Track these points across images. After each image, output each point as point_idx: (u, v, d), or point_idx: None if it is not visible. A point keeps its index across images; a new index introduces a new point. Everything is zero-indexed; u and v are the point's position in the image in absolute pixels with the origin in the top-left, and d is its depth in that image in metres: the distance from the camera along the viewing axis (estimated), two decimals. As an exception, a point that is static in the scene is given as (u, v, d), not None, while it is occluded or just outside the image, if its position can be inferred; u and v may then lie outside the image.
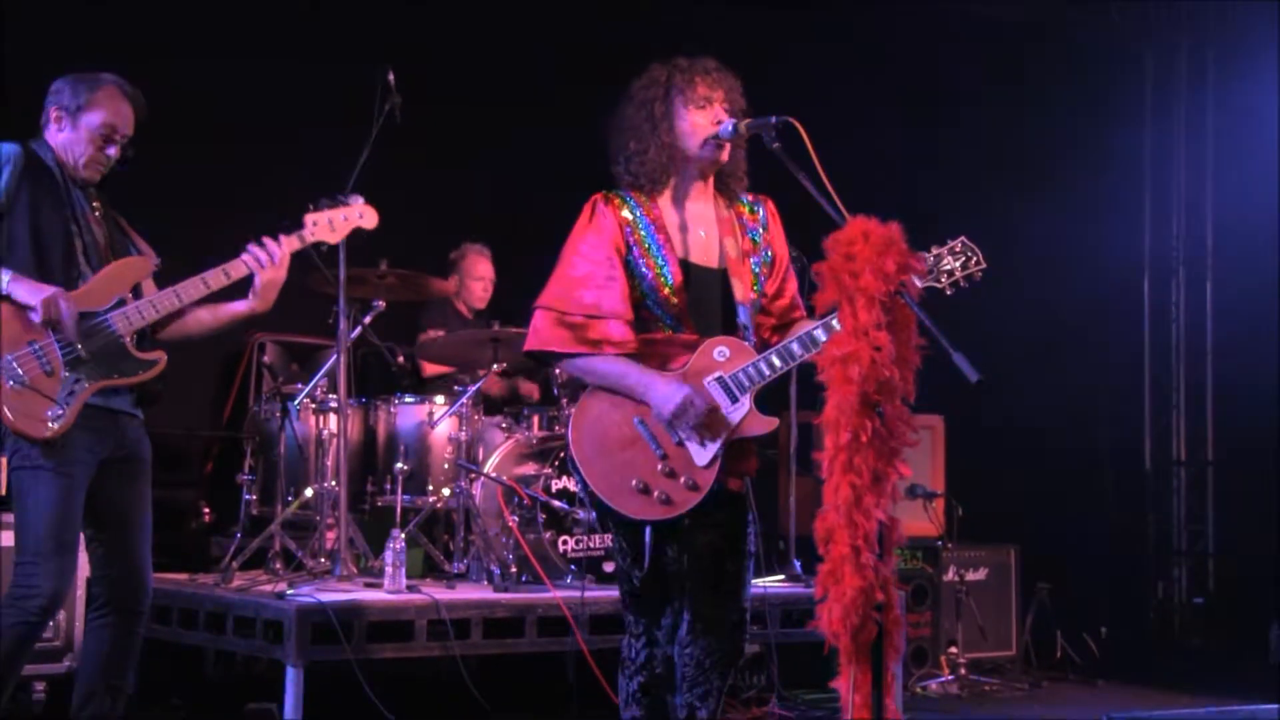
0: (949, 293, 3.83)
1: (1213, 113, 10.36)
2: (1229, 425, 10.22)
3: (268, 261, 4.38)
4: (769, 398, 3.93)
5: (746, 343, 3.88)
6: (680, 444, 3.77)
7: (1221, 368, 10.31)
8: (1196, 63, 10.45)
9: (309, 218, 4.60)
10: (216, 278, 4.35)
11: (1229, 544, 10.20)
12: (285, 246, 4.44)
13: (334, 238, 4.65)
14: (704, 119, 3.88)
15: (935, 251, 3.82)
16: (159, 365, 4.32)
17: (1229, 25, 9.94)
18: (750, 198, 4.07)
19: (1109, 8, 9.83)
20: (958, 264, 3.84)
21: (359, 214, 4.71)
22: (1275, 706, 4.68)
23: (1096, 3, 9.78)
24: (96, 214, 4.40)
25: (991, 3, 9.49)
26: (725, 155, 3.91)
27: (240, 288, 4.47)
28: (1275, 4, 9.19)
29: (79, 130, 4.33)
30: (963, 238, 3.89)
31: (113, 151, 4.37)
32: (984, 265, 3.86)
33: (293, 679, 5.17)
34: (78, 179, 4.36)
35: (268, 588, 5.71)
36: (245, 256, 4.39)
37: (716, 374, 3.80)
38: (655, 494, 3.74)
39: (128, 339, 4.26)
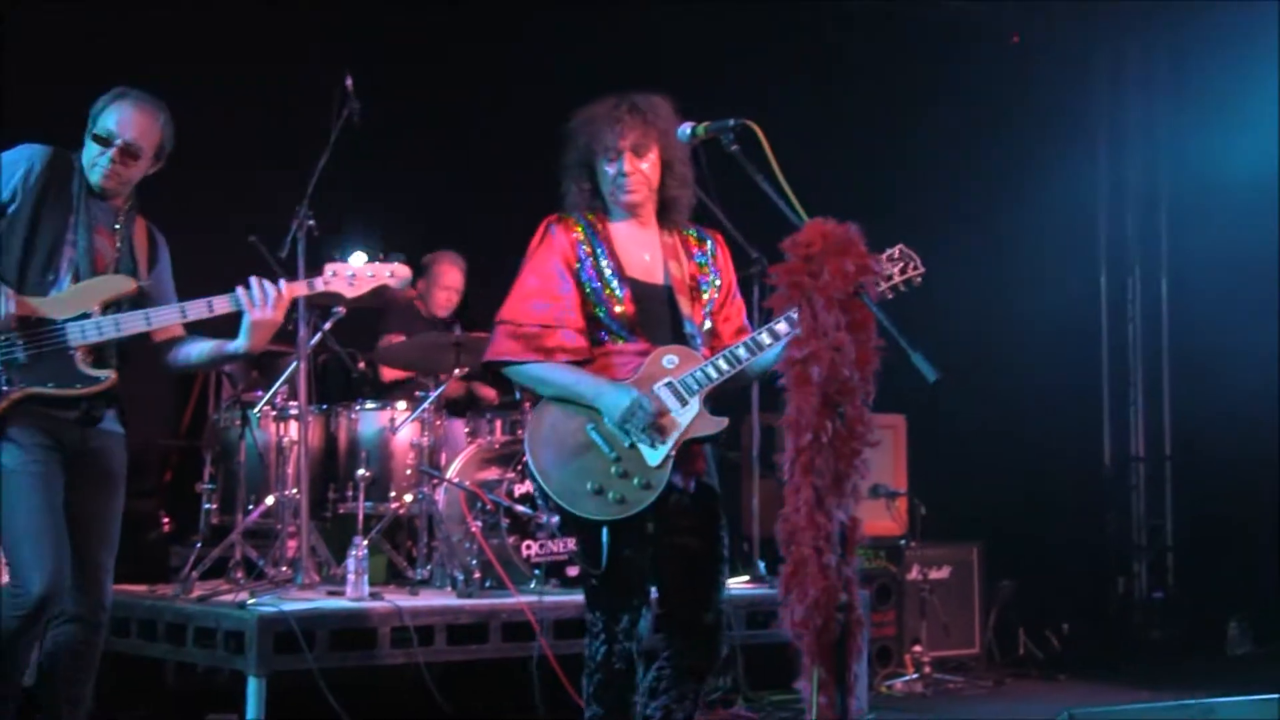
0: (889, 297, 3.94)
1: (1164, 111, 10.45)
2: (1186, 421, 10.30)
3: (261, 302, 4.25)
4: (733, 400, 3.96)
5: (695, 352, 3.96)
6: (632, 446, 3.84)
7: (1178, 364, 10.39)
8: (1148, 63, 10.53)
9: (329, 267, 4.43)
10: (197, 309, 4.27)
11: (1188, 539, 10.28)
12: (287, 291, 4.30)
13: (350, 292, 4.45)
14: (611, 169, 4.00)
15: (874, 258, 3.87)
16: (102, 384, 4.24)
17: (1180, 25, 10.01)
18: (696, 229, 4.19)
19: (1059, 9, 9.88)
20: (896, 269, 3.98)
21: (388, 273, 4.48)
22: (1233, 699, 4.73)
23: (1046, 5, 9.83)
24: (115, 229, 4.35)
25: (943, 5, 9.53)
26: (638, 199, 4.00)
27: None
28: (1226, 4, 9.27)
29: (95, 144, 4.32)
30: (900, 245, 4.01)
31: (113, 156, 4.32)
32: (922, 270, 3.99)
33: (255, 689, 5.15)
34: (101, 190, 4.33)
35: (229, 597, 5.66)
36: (239, 292, 4.27)
37: (666, 379, 3.89)
38: (610, 495, 3.81)
39: (78, 352, 4.21)
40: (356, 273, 4.44)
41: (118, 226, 4.37)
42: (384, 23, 8.01)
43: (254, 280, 4.29)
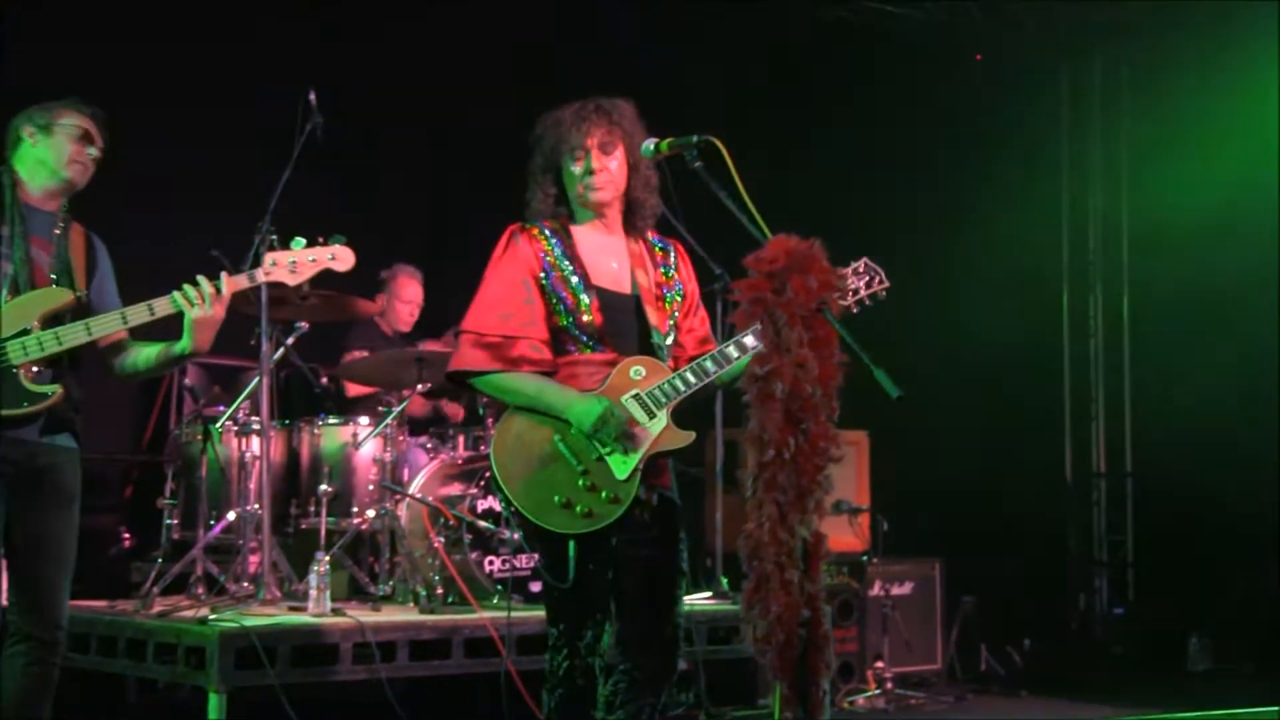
0: (854, 311, 3.95)
1: (1127, 126, 10.53)
2: (1147, 437, 10.37)
3: (199, 300, 4.21)
4: (696, 416, 3.96)
5: (663, 364, 3.94)
6: (599, 460, 3.81)
7: (1139, 381, 10.46)
8: (1111, 77, 10.62)
9: (269, 256, 4.40)
10: (138, 313, 4.22)
11: (1148, 555, 10.34)
12: (228, 287, 4.25)
13: (294, 279, 4.42)
14: (578, 169, 3.99)
15: (840, 272, 3.89)
16: (50, 400, 4.20)
17: (1143, 39, 10.09)
18: (657, 238, 4.16)
19: (1023, 22, 9.95)
20: (862, 283, 3.99)
21: (330, 255, 4.45)
22: (1190, 715, 4.78)
23: (1012, 17, 9.89)
24: (52, 237, 4.31)
25: (908, 20, 9.58)
26: (606, 198, 3.99)
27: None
28: (1188, 18, 9.35)
29: (56, 135, 4.30)
30: (865, 259, 4.01)
31: (92, 152, 4.31)
32: (887, 285, 4.00)
33: (216, 705, 5.12)
34: (51, 196, 4.31)
35: (190, 613, 5.63)
36: (178, 294, 4.22)
37: (633, 391, 3.87)
38: (577, 508, 3.78)
39: (21, 369, 4.16)
40: (297, 259, 4.42)
41: (56, 233, 4.33)
42: (346, 35, 8.01)
43: (198, 279, 4.24)
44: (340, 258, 4.48)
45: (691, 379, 3.87)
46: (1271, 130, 9.06)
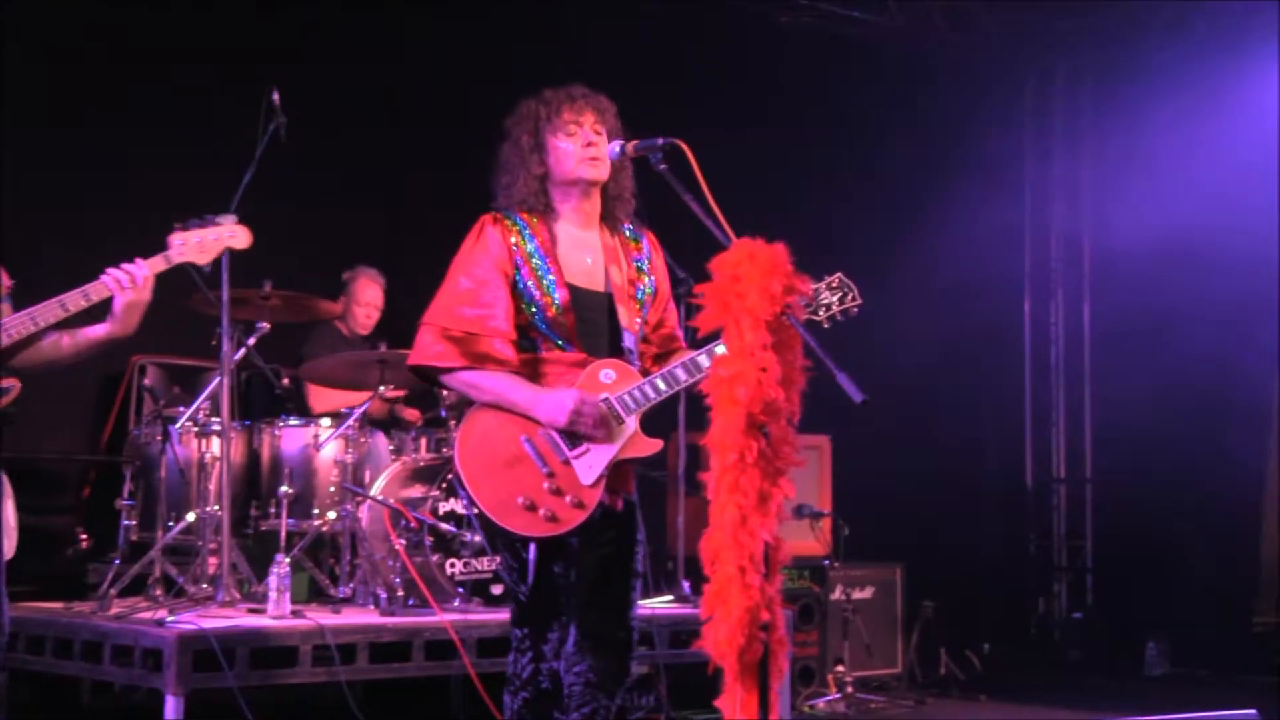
0: (825, 325, 3.93)
1: (1089, 135, 10.60)
2: (1106, 443, 10.43)
3: (128, 283, 4.20)
4: (658, 418, 3.95)
5: (632, 367, 3.91)
6: (566, 463, 3.79)
7: (1099, 387, 10.53)
8: (1073, 86, 10.69)
9: (174, 238, 4.42)
10: (75, 300, 4.18)
11: (1107, 560, 10.41)
12: (149, 268, 4.27)
13: (203, 259, 4.46)
14: (573, 145, 3.92)
15: (814, 286, 3.90)
16: (9, 394, 4.17)
17: (1105, 48, 10.16)
18: (631, 228, 4.10)
19: (988, 28, 10.00)
20: (835, 298, 3.95)
21: (229, 233, 4.53)
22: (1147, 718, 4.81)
23: (976, 24, 9.94)
24: None
25: (870, 25, 9.61)
26: (598, 170, 3.93)
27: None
28: (1150, 29, 9.42)
29: None
30: (839, 274, 3.98)
31: None
32: (859, 301, 3.97)
33: (173, 708, 5.08)
34: None
35: (147, 615, 5.59)
36: (104, 278, 4.21)
37: (603, 395, 3.83)
38: (541, 511, 3.75)
39: None
40: (202, 238, 4.45)
41: None
42: (307, 35, 7.98)
43: (123, 264, 4.24)
44: (237, 235, 4.56)
45: (662, 386, 3.84)
46: (1235, 142, 9.16)
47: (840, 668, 7.71)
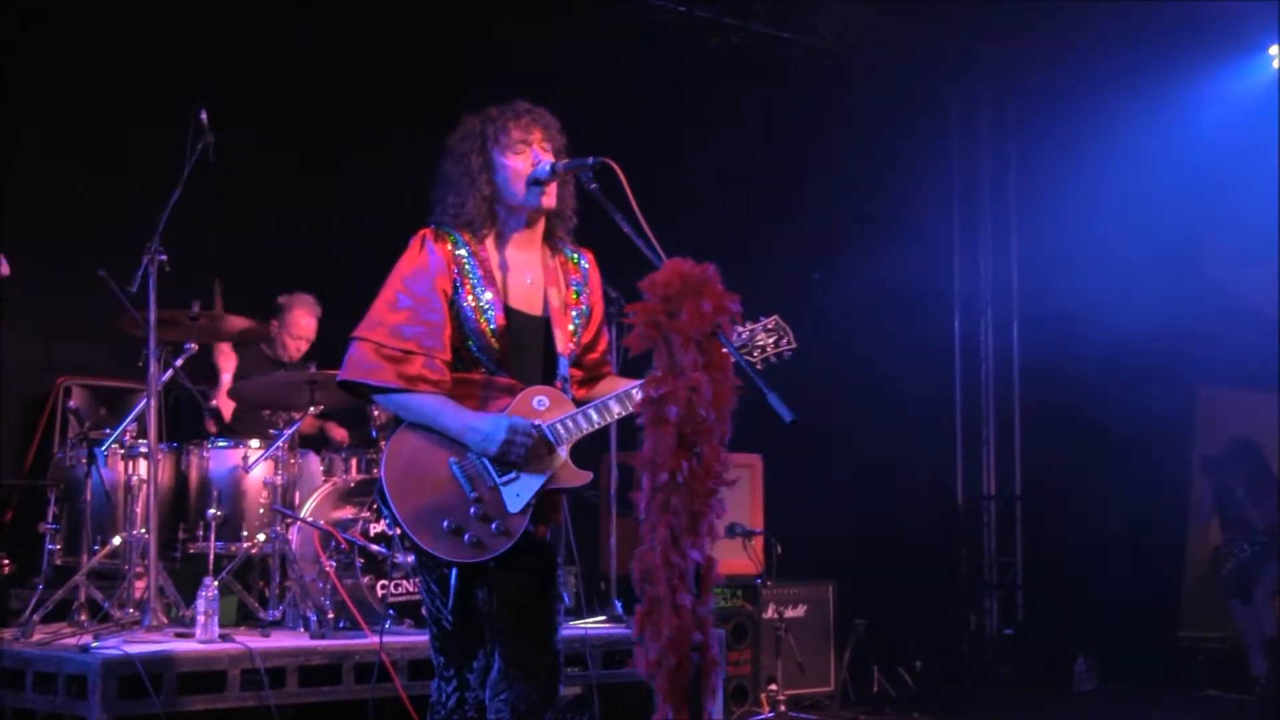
0: (759, 367, 3.94)
1: (1015, 157, 10.72)
2: (1036, 460, 10.54)
3: None
4: (590, 438, 3.91)
5: (565, 395, 3.87)
6: (494, 489, 3.74)
7: (1029, 405, 10.63)
8: (998, 107, 10.81)
9: None
10: None
11: (1036, 576, 10.49)
12: None
13: None
14: (523, 163, 3.86)
15: (750, 327, 3.92)
16: None
17: (1027, 70, 10.29)
18: (572, 249, 4.05)
19: (914, 51, 10.10)
20: (770, 340, 3.97)
21: None
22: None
23: (902, 47, 10.03)
24: None
25: (799, 46, 9.67)
26: (550, 200, 3.89)
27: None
28: (1073, 52, 9.55)
29: None
30: (775, 316, 4.00)
31: None
32: (794, 346, 3.99)
33: (98, 736, 5.00)
34: None
35: (71, 640, 5.50)
36: None
37: (535, 422, 3.78)
38: (466, 537, 3.70)
39: None
40: None
41: None
42: (240, 53, 7.92)
43: None
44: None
45: (595, 417, 3.80)
46: (1162, 160, 9.30)
47: (773, 686, 7.72)
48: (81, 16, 7.45)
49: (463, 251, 3.85)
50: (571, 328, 3.96)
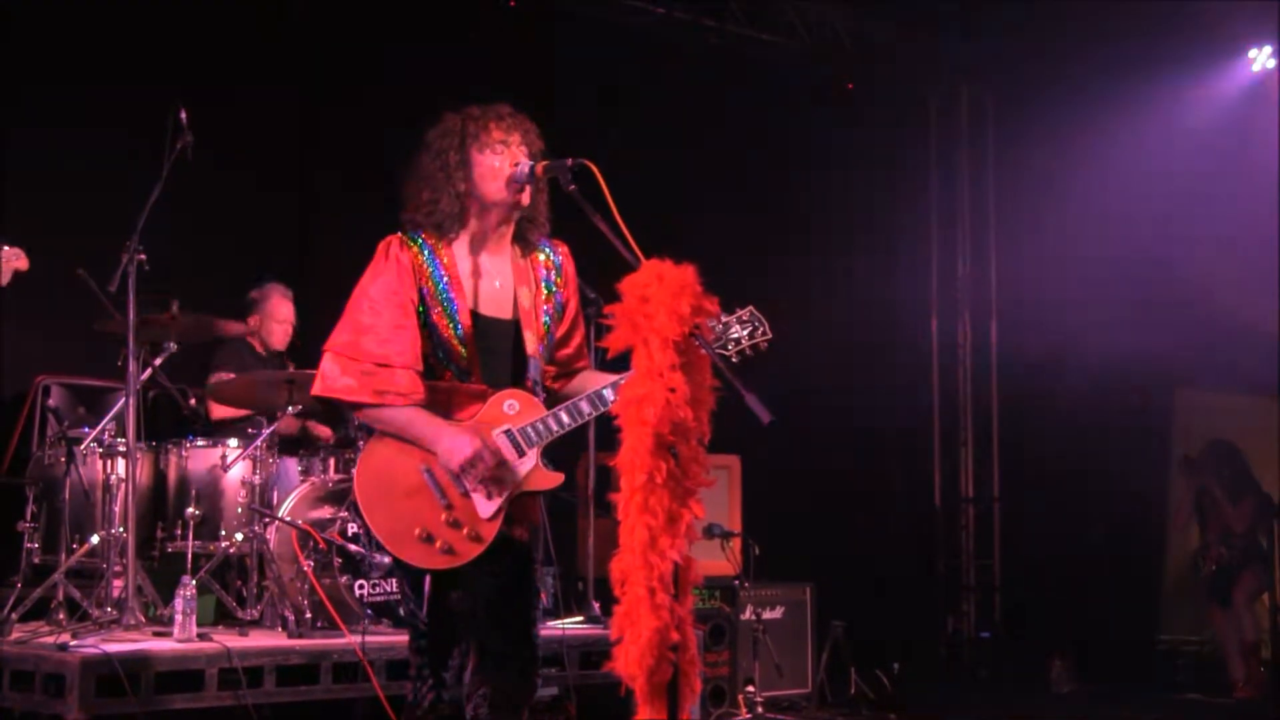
0: (735, 360, 3.89)
1: (993, 160, 10.76)
2: (1013, 462, 10.57)
3: None
4: (568, 439, 3.92)
5: (536, 398, 3.87)
6: (466, 495, 3.74)
7: (1007, 408, 10.66)
8: (977, 110, 10.85)
9: None
10: None
11: (1014, 578, 10.53)
12: None
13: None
14: (501, 163, 3.85)
15: (724, 319, 3.88)
16: None
17: (1006, 73, 10.32)
18: (545, 243, 4.04)
19: (893, 53, 10.12)
20: (745, 333, 3.92)
21: (16, 255, 4.60)
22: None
23: (881, 49, 10.06)
24: None
25: (777, 48, 9.68)
26: (525, 199, 3.88)
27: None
28: (1050, 54, 9.59)
29: None
30: (750, 307, 3.96)
31: None
32: (770, 336, 3.94)
33: (75, 735, 4.99)
34: None
35: (49, 639, 5.49)
36: None
37: (505, 426, 3.79)
38: (438, 544, 3.70)
39: None
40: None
41: None
42: (217, 53, 7.91)
43: None
44: (19, 257, 4.66)
45: (566, 420, 3.80)
46: (1139, 165, 9.34)
47: (751, 688, 7.72)
48: (60, 15, 7.43)
49: (429, 259, 3.84)
50: (544, 327, 3.95)
